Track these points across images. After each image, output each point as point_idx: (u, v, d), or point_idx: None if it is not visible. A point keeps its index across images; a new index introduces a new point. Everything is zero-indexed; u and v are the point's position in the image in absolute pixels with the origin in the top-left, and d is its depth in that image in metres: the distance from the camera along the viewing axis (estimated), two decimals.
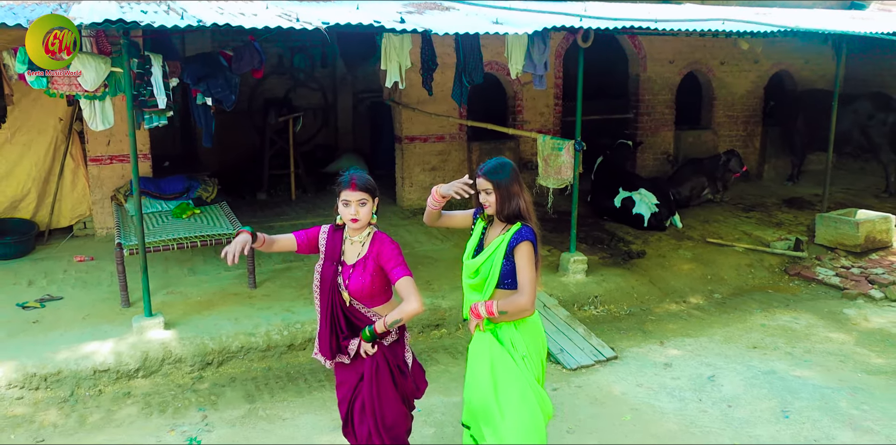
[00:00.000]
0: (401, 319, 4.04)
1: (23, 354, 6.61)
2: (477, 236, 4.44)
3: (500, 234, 4.28)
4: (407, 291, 4.04)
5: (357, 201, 4.09)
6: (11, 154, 9.17)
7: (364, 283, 4.14)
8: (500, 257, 4.23)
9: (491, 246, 4.28)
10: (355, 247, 4.22)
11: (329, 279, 4.23)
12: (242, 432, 5.90)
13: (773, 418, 6.04)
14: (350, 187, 4.08)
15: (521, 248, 4.17)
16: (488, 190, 4.23)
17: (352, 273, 4.18)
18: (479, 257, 4.31)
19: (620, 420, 6.04)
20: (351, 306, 4.23)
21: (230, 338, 7.07)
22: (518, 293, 4.18)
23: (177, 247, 7.84)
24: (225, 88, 7.10)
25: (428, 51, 8.28)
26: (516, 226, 4.23)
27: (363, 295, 4.18)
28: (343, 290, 4.20)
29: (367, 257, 4.16)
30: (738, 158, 12.00)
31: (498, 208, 4.25)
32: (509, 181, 4.23)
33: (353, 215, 4.10)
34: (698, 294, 8.92)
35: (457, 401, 6.29)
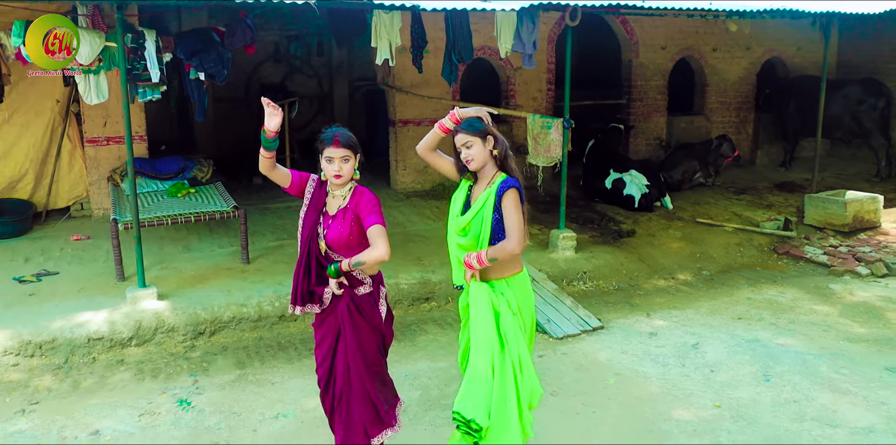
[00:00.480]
0: (364, 262, 4.09)
1: (18, 322, 6.73)
2: (463, 193, 4.44)
3: (487, 187, 4.30)
4: (375, 237, 4.10)
5: (340, 157, 4.15)
6: (9, 135, 9.29)
7: (342, 233, 4.21)
8: (490, 211, 4.25)
9: (478, 201, 4.29)
10: (337, 200, 4.29)
11: (308, 227, 4.32)
12: (232, 394, 6.01)
13: (755, 381, 6.15)
14: (333, 144, 4.14)
15: (507, 195, 4.19)
16: (468, 143, 4.23)
17: (331, 223, 4.25)
18: (468, 213, 4.33)
19: (604, 383, 6.15)
20: (327, 255, 4.30)
21: (222, 309, 7.19)
22: (505, 240, 4.19)
23: (171, 222, 7.97)
24: (217, 62, 7.22)
25: (418, 29, 8.40)
26: (501, 176, 4.27)
27: (340, 245, 4.24)
28: (321, 239, 4.28)
29: (347, 207, 4.24)
30: (730, 143, 12.11)
31: (483, 159, 4.25)
32: (486, 132, 4.27)
33: (337, 171, 4.16)
34: (687, 271, 9.02)
35: (443, 366, 6.42)
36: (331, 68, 14.24)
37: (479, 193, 4.35)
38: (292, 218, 9.87)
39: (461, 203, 4.43)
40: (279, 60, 13.99)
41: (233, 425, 5.53)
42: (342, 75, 14.28)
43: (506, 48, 8.44)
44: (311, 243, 4.31)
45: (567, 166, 8.78)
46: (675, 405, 5.79)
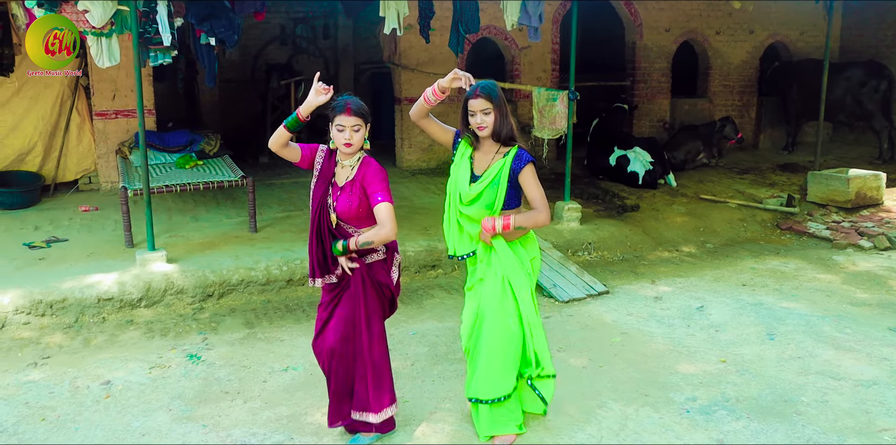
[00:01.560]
0: (372, 241, 4.11)
1: (29, 283, 6.80)
2: (466, 162, 4.38)
3: (499, 158, 4.26)
4: (383, 216, 4.10)
5: (351, 126, 4.12)
6: (18, 108, 9.36)
7: (351, 205, 4.20)
8: (506, 182, 4.24)
9: (490, 172, 4.26)
10: (345, 170, 4.28)
11: (318, 198, 4.31)
12: (241, 350, 6.08)
13: (759, 340, 6.22)
14: (345, 112, 4.10)
15: (526, 170, 4.21)
16: (487, 110, 4.18)
17: (340, 195, 4.24)
18: (479, 184, 4.29)
19: (610, 341, 6.22)
20: (339, 226, 4.30)
21: (231, 272, 7.25)
22: (536, 211, 4.21)
23: (180, 190, 8.05)
24: (228, 27, 7.28)
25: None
26: (514, 149, 4.24)
27: (350, 216, 4.24)
28: (331, 210, 4.28)
29: (355, 179, 4.22)
30: (734, 125, 12.18)
31: (496, 128, 4.21)
32: (503, 100, 4.25)
33: (348, 139, 4.13)
34: (691, 244, 9.08)
35: (450, 326, 6.48)
36: (336, 51, 14.32)
37: (484, 162, 4.31)
38: (299, 192, 9.98)
39: (468, 172, 4.37)
40: (285, 42, 14.08)
41: (243, 377, 5.60)
42: (348, 58, 14.36)
43: (512, 21, 8.51)
44: (321, 215, 4.30)
45: (572, 140, 8.84)
46: (680, 360, 5.85)
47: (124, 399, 5.28)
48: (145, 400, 5.26)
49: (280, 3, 13.24)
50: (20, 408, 5.14)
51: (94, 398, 5.29)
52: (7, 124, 9.34)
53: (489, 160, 4.30)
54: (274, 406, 5.16)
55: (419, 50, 10.95)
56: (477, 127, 4.24)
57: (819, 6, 12.86)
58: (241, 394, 5.33)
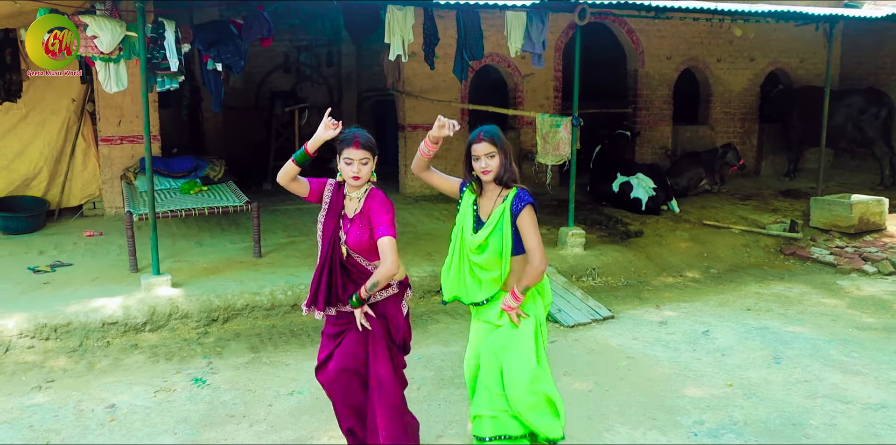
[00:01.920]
0: (378, 282, 4.08)
1: (34, 307, 6.80)
2: (470, 210, 4.32)
3: (500, 202, 4.20)
4: (384, 251, 4.07)
5: (359, 159, 4.11)
6: (25, 133, 9.42)
7: (361, 237, 4.19)
8: (508, 226, 4.17)
9: (493, 217, 4.20)
10: (353, 203, 4.26)
11: (330, 231, 4.29)
12: (247, 374, 6.06)
13: (765, 364, 6.20)
14: (353, 146, 4.10)
15: (524, 212, 4.13)
16: (491, 154, 4.13)
17: (350, 228, 4.24)
18: (483, 231, 4.22)
19: (616, 365, 6.20)
20: (350, 258, 4.29)
21: (235, 296, 7.25)
22: (529, 265, 4.13)
23: (185, 215, 8.06)
24: (235, 53, 7.36)
25: (430, 26, 8.57)
26: (512, 191, 4.18)
27: (362, 249, 4.23)
28: (342, 243, 4.27)
29: (363, 211, 4.21)
30: (735, 151, 12.25)
31: (499, 172, 4.16)
32: (506, 144, 4.22)
33: (356, 172, 4.12)
34: (695, 269, 9.09)
35: (455, 350, 6.46)
36: (340, 79, 14.43)
37: (488, 207, 4.25)
38: (303, 218, 10.01)
39: (471, 220, 4.30)
40: (288, 69, 14.19)
41: (248, 401, 5.57)
42: (351, 85, 14.46)
43: (516, 47, 8.60)
44: (332, 248, 4.29)
45: (576, 166, 8.88)
46: (687, 384, 5.83)
47: (129, 422, 5.25)
48: (150, 424, 5.23)
49: (284, 31, 13.36)
50: (24, 432, 5.12)
51: (99, 421, 5.27)
52: (13, 150, 9.39)
53: (492, 205, 4.24)
54: (280, 429, 5.13)
55: (423, 77, 11.04)
56: (482, 171, 4.18)
57: (818, 34, 12.99)
58: (246, 418, 5.31)
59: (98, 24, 6.77)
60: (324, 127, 4.13)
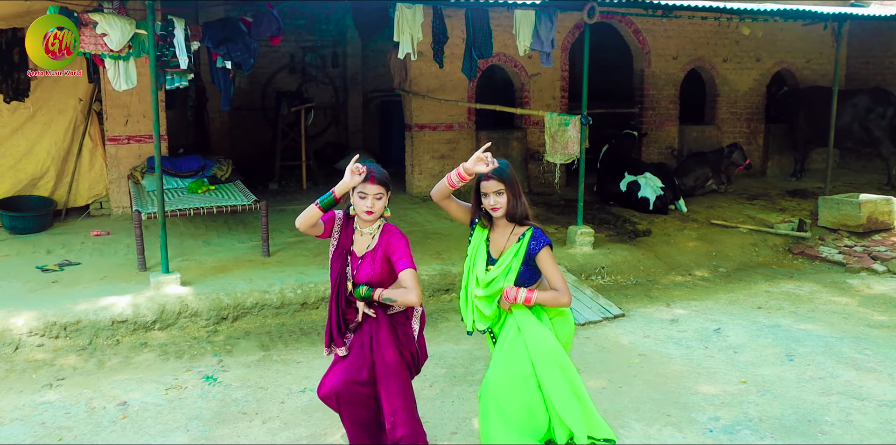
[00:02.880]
0: (395, 300, 4.06)
1: (43, 305, 6.77)
2: (482, 245, 4.29)
3: (514, 242, 4.16)
4: (408, 283, 4.04)
5: (374, 194, 4.07)
6: (32, 133, 9.40)
7: (372, 274, 4.16)
8: (519, 265, 4.15)
9: (506, 256, 4.18)
10: (365, 239, 4.22)
11: (337, 269, 4.26)
12: (258, 371, 6.04)
13: (778, 361, 6.18)
14: (369, 180, 4.05)
15: (543, 253, 4.11)
16: (500, 191, 4.08)
17: (360, 264, 4.20)
18: (496, 270, 4.21)
19: (629, 363, 6.18)
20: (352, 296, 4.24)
21: (245, 295, 7.22)
22: (559, 293, 4.10)
23: (193, 213, 8.04)
24: (244, 52, 7.34)
25: (439, 24, 8.55)
26: (529, 231, 4.15)
27: (371, 285, 4.18)
28: (349, 280, 4.23)
29: (376, 249, 4.17)
30: (742, 151, 12.23)
31: (509, 209, 4.11)
32: (515, 180, 4.16)
33: (369, 207, 4.07)
34: (703, 268, 9.06)
35: (466, 348, 6.46)
36: (345, 79, 14.42)
37: (500, 244, 4.23)
38: None
39: (485, 255, 4.28)
40: (294, 70, 14.19)
41: (260, 398, 5.56)
42: (357, 86, 14.46)
43: (524, 46, 8.58)
44: (340, 284, 4.25)
45: (584, 164, 8.87)
46: (700, 381, 5.81)
47: (141, 419, 5.24)
48: (162, 421, 5.21)
49: (290, 31, 13.35)
50: (37, 428, 5.10)
51: (111, 418, 5.25)
52: (20, 149, 9.37)
53: (505, 242, 4.21)
54: (293, 426, 5.11)
55: (430, 77, 11.03)
56: (490, 208, 4.14)
57: (824, 34, 12.98)
58: (259, 415, 5.29)
59: (108, 22, 6.76)
60: (350, 173, 4.03)
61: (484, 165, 4.04)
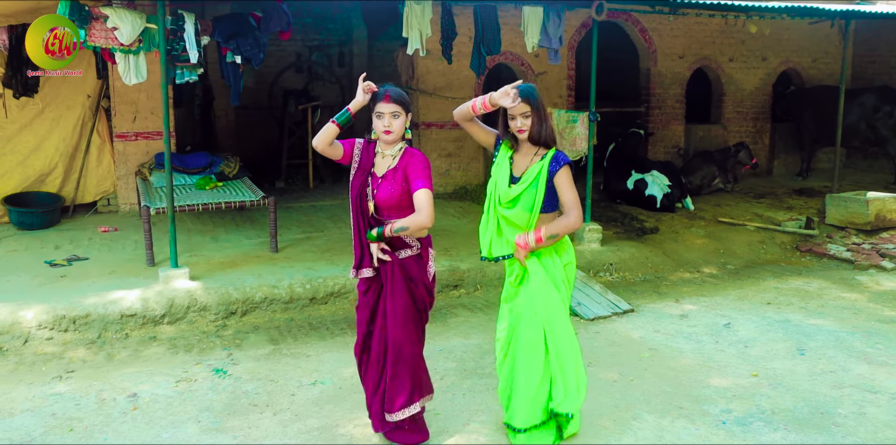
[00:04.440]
0: (407, 227, 4.07)
1: (52, 299, 6.76)
2: (506, 164, 4.40)
3: (537, 160, 4.28)
4: (421, 203, 4.07)
5: (390, 113, 4.12)
6: (41, 129, 9.41)
7: (393, 193, 4.17)
8: (543, 184, 4.25)
9: (530, 174, 4.28)
10: (386, 160, 4.25)
11: (357, 188, 4.29)
12: (268, 364, 6.02)
13: (789, 355, 6.16)
14: (384, 99, 4.13)
15: (561, 171, 4.23)
16: (526, 113, 4.20)
17: (380, 183, 4.22)
18: (518, 185, 4.30)
19: (639, 357, 6.16)
20: (377, 216, 4.28)
21: (254, 289, 7.21)
22: (564, 214, 4.22)
23: (202, 209, 8.04)
24: (254, 46, 7.35)
25: (447, 20, 8.54)
26: (552, 151, 4.27)
27: (391, 205, 4.21)
28: (370, 200, 4.26)
29: (396, 168, 4.19)
30: (748, 150, 12.22)
31: (534, 132, 4.23)
32: (542, 104, 4.26)
33: (387, 126, 4.13)
34: (711, 265, 9.04)
35: (476, 342, 6.45)
36: (351, 79, 14.42)
37: (523, 164, 4.34)
38: (317, 215, 10.00)
39: (507, 174, 4.39)
40: (300, 69, 14.20)
41: (270, 390, 5.54)
42: None
43: (532, 42, 8.58)
44: (360, 205, 4.28)
45: (592, 161, 8.86)
46: (711, 374, 5.79)
47: (152, 411, 5.22)
48: (173, 412, 5.20)
49: (296, 30, 13.32)
50: (47, 419, 5.09)
51: (122, 409, 5.24)
52: (29, 145, 9.37)
53: (528, 162, 4.33)
54: (304, 418, 5.10)
55: (437, 75, 11.03)
56: (517, 130, 4.27)
57: (830, 33, 13.02)
58: (269, 407, 5.27)
59: (118, 16, 6.77)
60: (362, 91, 4.17)
61: (510, 101, 4.15)
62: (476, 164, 11.49)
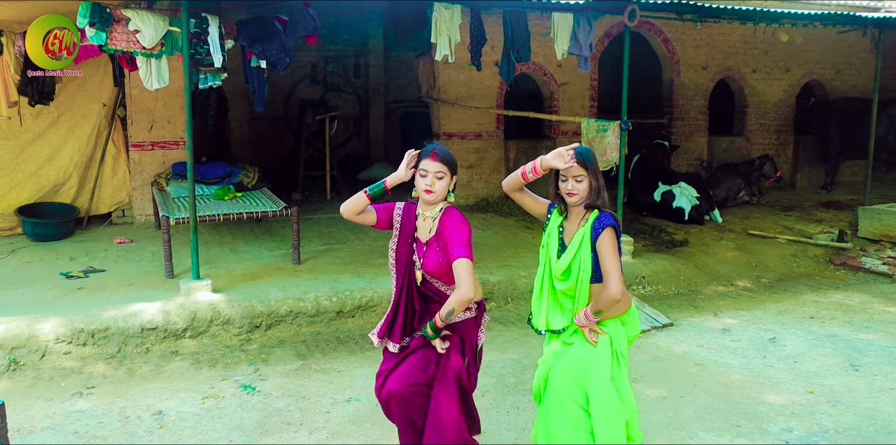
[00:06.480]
0: (453, 309, 3.76)
1: (70, 312, 6.51)
2: (556, 232, 4.04)
3: (582, 225, 3.91)
4: (460, 274, 3.74)
5: (434, 172, 3.85)
6: (55, 138, 9.18)
7: (440, 262, 3.89)
8: (588, 251, 3.87)
9: (574, 242, 3.92)
10: (427, 223, 3.97)
11: (404, 258, 4.01)
12: (297, 380, 5.76)
13: (843, 371, 5.89)
14: (430, 157, 3.86)
15: (604, 235, 3.81)
16: (579, 177, 3.84)
17: (426, 251, 3.95)
18: (565, 255, 3.94)
19: (685, 372, 5.89)
20: (425, 283, 4.01)
21: (279, 302, 6.95)
22: (605, 289, 3.78)
23: (223, 219, 7.80)
24: (280, 50, 7.11)
25: (477, 26, 8.31)
26: (594, 214, 3.88)
27: (441, 273, 3.93)
28: (418, 269, 3.98)
29: (438, 233, 3.92)
30: (772, 163, 11.98)
31: (587, 196, 3.87)
32: (597, 168, 3.91)
33: (429, 185, 3.85)
34: (745, 278, 8.78)
35: (514, 357, 6.19)
36: (367, 90, 14.22)
37: (572, 231, 3.98)
38: (337, 226, 9.75)
39: (556, 244, 4.02)
40: (316, 80, 14.00)
41: (303, 407, 5.27)
42: (378, 97, 14.25)
43: (562, 49, 8.36)
44: (407, 274, 4.01)
45: (624, 170, 8.62)
46: (764, 391, 5.52)
47: (179, 429, 4.96)
48: (202, 431, 4.93)
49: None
50: (70, 438, 4.83)
51: (147, 428, 4.97)
52: (43, 155, 9.14)
53: (575, 228, 3.95)
54: (341, 437, 4.83)
55: (459, 85, 10.82)
56: (566, 193, 3.89)
57: (854, 45, 12.83)
58: (304, 425, 5.00)
59: (141, 19, 6.54)
60: (405, 166, 3.91)
61: (562, 162, 3.80)
62: (497, 175, 11.25)
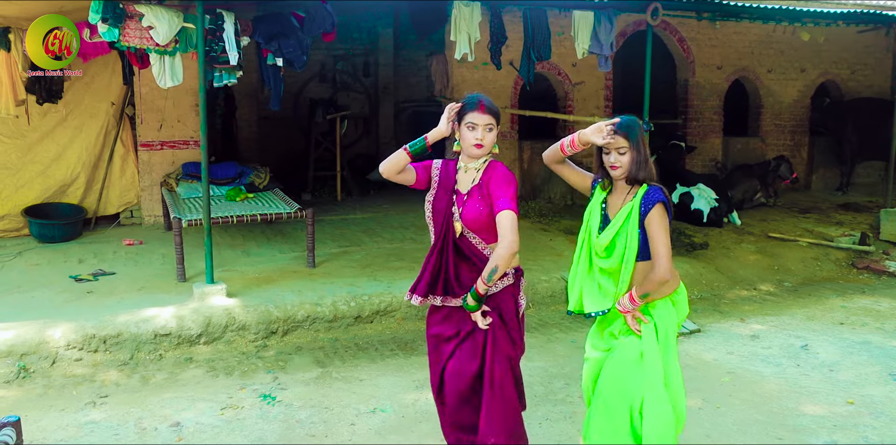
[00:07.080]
0: (497, 267, 3.57)
1: (80, 317, 6.31)
2: (598, 207, 3.85)
3: (629, 200, 3.72)
4: (504, 227, 3.59)
5: (484, 124, 3.70)
6: (63, 137, 8.98)
7: (481, 212, 3.74)
8: (636, 227, 3.68)
9: (619, 217, 3.72)
10: (469, 175, 3.82)
11: (443, 209, 3.85)
12: (319, 390, 5.56)
13: (882, 380, 5.70)
14: (478, 109, 3.70)
15: (653, 211, 3.63)
16: (622, 149, 3.66)
17: (466, 201, 3.79)
18: (608, 230, 3.75)
19: (719, 381, 5.71)
20: (463, 237, 3.82)
21: (295, 307, 6.76)
22: (653, 267, 3.60)
23: (236, 221, 7.58)
24: (297, 48, 6.92)
25: (497, 24, 8.13)
26: (643, 188, 3.69)
27: (479, 226, 3.76)
28: (457, 220, 3.81)
29: (481, 184, 3.77)
30: (788, 164, 11.80)
31: (631, 170, 3.68)
32: (642, 140, 3.72)
33: (479, 139, 3.69)
34: (767, 283, 8.60)
35: (541, 365, 6.01)
36: (377, 89, 14.02)
37: (617, 205, 3.79)
38: (350, 228, 9.56)
39: (598, 219, 3.84)
40: (325, 79, 13.79)
41: (327, 419, 5.07)
42: (388, 96, 14.05)
43: (583, 48, 8.19)
44: (446, 226, 3.82)
45: None
46: (802, 401, 5.33)
47: (199, 442, 4.76)
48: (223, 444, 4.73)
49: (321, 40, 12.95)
50: None
51: (165, 440, 4.78)
52: (50, 154, 8.94)
53: (621, 203, 3.77)
54: None
55: (473, 84, 10.63)
56: (610, 166, 3.72)
57: (870, 45, 12.73)
58: (329, 438, 4.81)
59: (155, 15, 6.34)
60: (447, 120, 3.74)
61: (601, 138, 3.64)
62: (514, 171, 11.03)
